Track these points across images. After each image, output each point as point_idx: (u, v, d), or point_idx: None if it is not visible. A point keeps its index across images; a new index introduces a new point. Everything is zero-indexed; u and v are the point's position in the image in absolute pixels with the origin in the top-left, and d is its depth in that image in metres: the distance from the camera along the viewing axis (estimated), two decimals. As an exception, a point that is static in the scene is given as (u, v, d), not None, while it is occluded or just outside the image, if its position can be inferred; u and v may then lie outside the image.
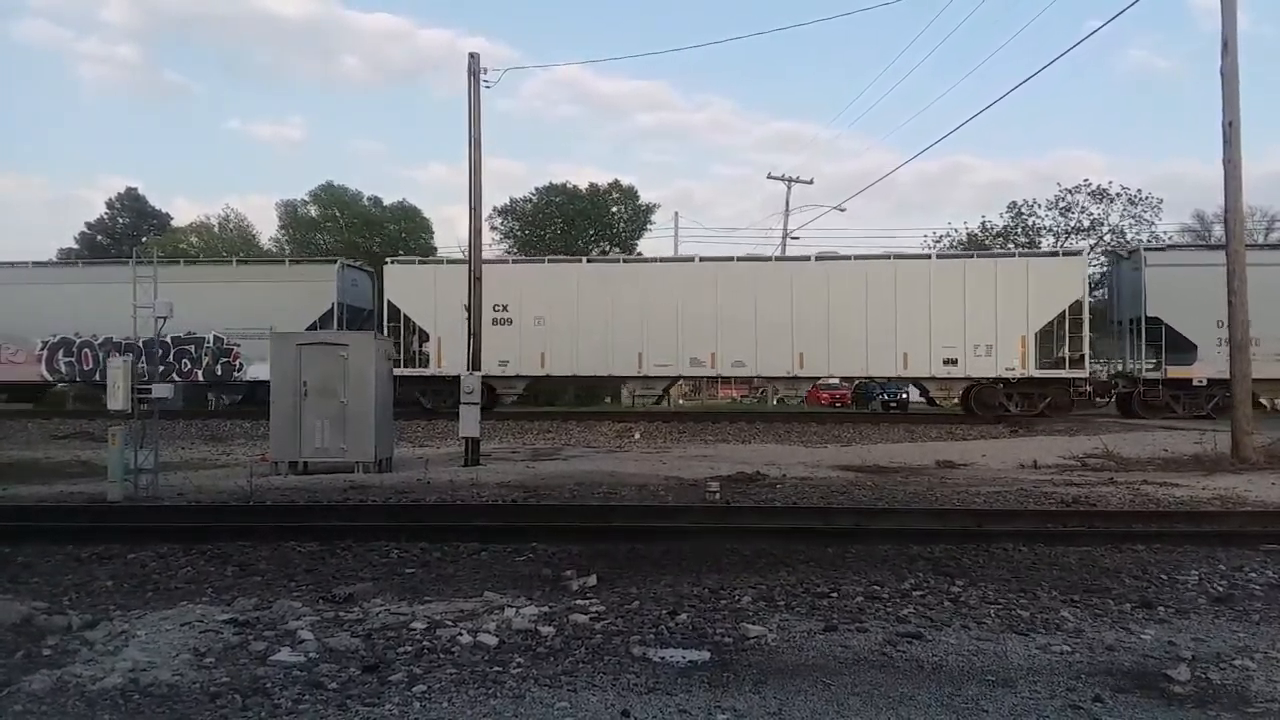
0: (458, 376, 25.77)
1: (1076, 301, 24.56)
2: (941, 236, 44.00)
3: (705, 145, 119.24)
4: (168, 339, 26.08)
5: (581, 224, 46.12)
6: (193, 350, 26.98)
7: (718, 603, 5.95)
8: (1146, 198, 41.78)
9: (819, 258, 27.87)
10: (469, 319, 17.45)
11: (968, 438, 21.23)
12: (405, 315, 26.33)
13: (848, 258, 27.24)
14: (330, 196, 47.65)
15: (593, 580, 6.56)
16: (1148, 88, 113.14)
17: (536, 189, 47.48)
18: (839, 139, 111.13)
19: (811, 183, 47.03)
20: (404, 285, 26.82)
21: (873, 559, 7.42)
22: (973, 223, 45.84)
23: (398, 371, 25.88)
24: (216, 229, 49.31)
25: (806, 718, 3.98)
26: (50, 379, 27.83)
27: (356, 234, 45.35)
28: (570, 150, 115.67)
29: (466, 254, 18.90)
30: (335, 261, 28.62)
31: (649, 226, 48.40)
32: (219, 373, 26.98)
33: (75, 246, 54.63)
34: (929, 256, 28.90)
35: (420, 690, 4.26)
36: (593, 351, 25.68)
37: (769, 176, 47.20)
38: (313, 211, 47.85)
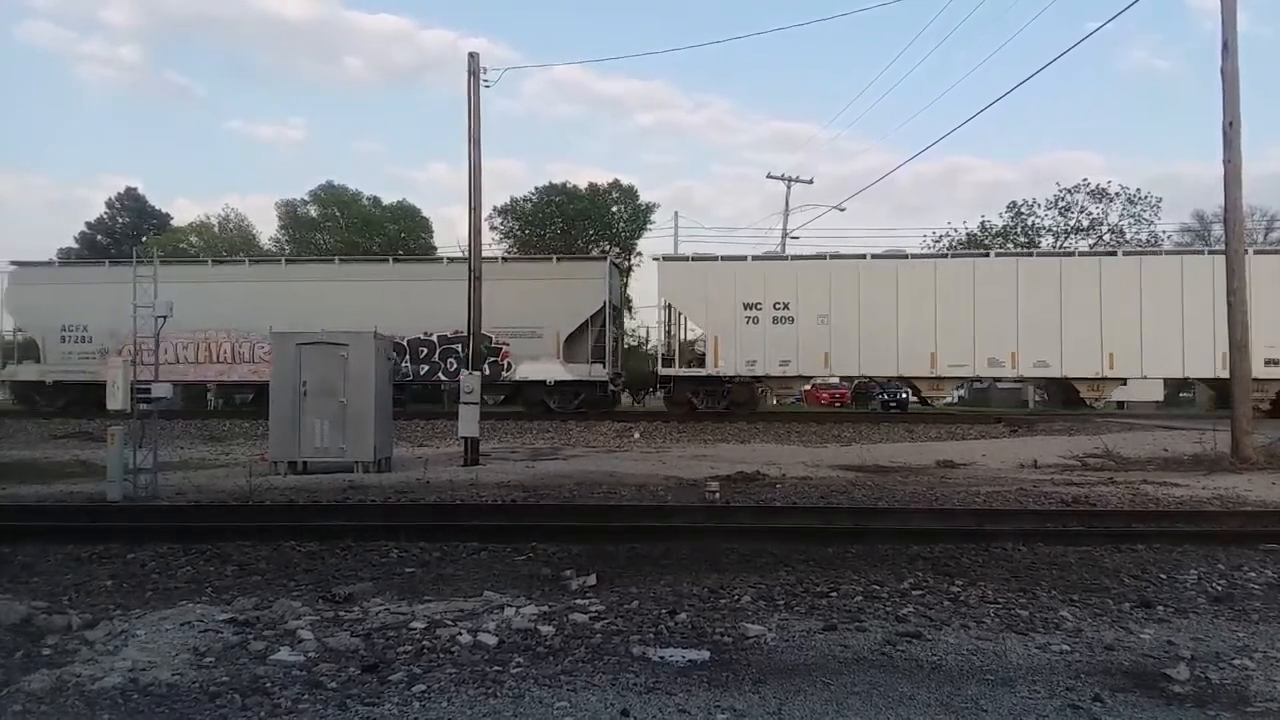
0: (735, 376, 25.51)
1: None
2: (941, 236, 44.02)
3: (705, 145, 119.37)
4: (433, 338, 25.59)
5: (581, 224, 46.11)
6: (459, 349, 25.45)
7: (717, 602, 5.95)
8: (1146, 197, 41.86)
9: (1126, 253, 27.02)
10: (469, 317, 17.41)
11: (968, 437, 21.24)
12: (680, 313, 25.69)
13: (1159, 252, 26.04)
14: (330, 196, 47.66)
15: (592, 580, 6.56)
16: (1147, 88, 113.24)
17: (536, 189, 47.52)
18: (838, 139, 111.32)
19: (811, 182, 46.98)
20: (678, 282, 25.98)
21: (872, 558, 7.42)
22: (972, 223, 45.82)
23: (672, 371, 25.73)
24: (216, 229, 49.34)
25: (806, 717, 3.98)
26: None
27: (356, 234, 45.35)
28: (570, 150, 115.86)
29: (466, 253, 18.87)
30: (604, 258, 27.73)
31: (649, 226, 48.42)
32: (487, 372, 25.42)
33: (75, 246, 54.62)
34: (1248, 251, 27.86)
35: (420, 690, 4.26)
36: (880, 351, 24.79)
37: (769, 176, 47.17)
38: (312, 211, 47.87)
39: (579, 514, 9.89)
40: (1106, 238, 41.30)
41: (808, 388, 44.25)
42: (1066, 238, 42.29)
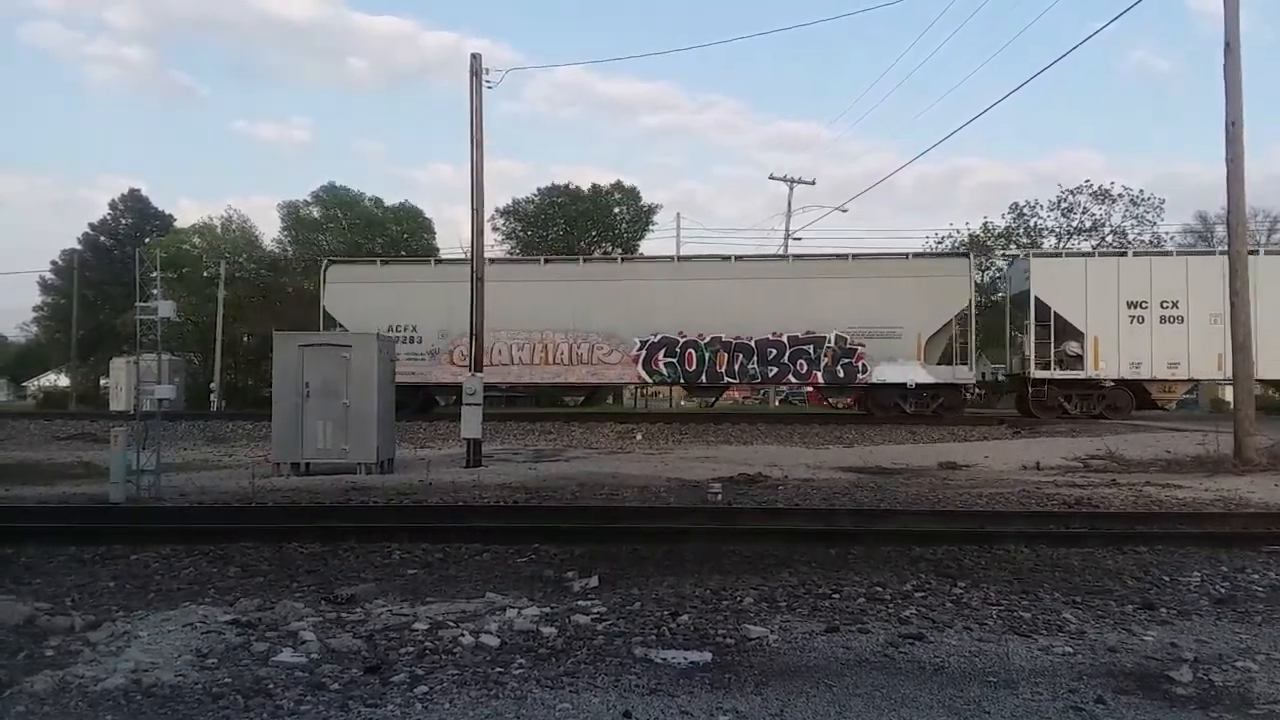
0: (1119, 381, 24.05)
1: None
2: (944, 238, 43.94)
3: (708, 146, 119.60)
4: (783, 338, 24.81)
5: (584, 225, 46.14)
6: (810, 350, 24.64)
7: (719, 604, 5.95)
8: (1149, 198, 41.68)
9: None
10: (472, 319, 17.37)
11: (970, 439, 21.20)
12: (1055, 312, 24.41)
13: None
14: (332, 198, 47.64)
15: (594, 581, 6.55)
16: (1149, 88, 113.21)
17: (539, 189, 47.54)
18: (841, 140, 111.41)
19: (814, 183, 47.04)
20: (1053, 280, 24.70)
21: (875, 560, 7.41)
22: (975, 224, 45.77)
23: (1047, 374, 24.41)
24: (219, 230, 49.32)
25: (808, 718, 3.98)
26: (649, 380, 25.96)
27: (359, 235, 45.36)
28: (574, 151, 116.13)
29: (468, 254, 18.86)
30: (966, 255, 26.31)
31: (651, 227, 48.45)
32: (840, 374, 24.75)
33: (78, 248, 54.66)
34: None
35: (422, 691, 4.26)
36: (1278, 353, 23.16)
37: (771, 177, 47.17)
38: (315, 213, 47.86)
39: (581, 515, 9.90)
40: (1109, 239, 41.22)
41: (810, 390, 43.97)
42: (1069, 239, 42.21)
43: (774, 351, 24.81)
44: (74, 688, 4.27)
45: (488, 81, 17.32)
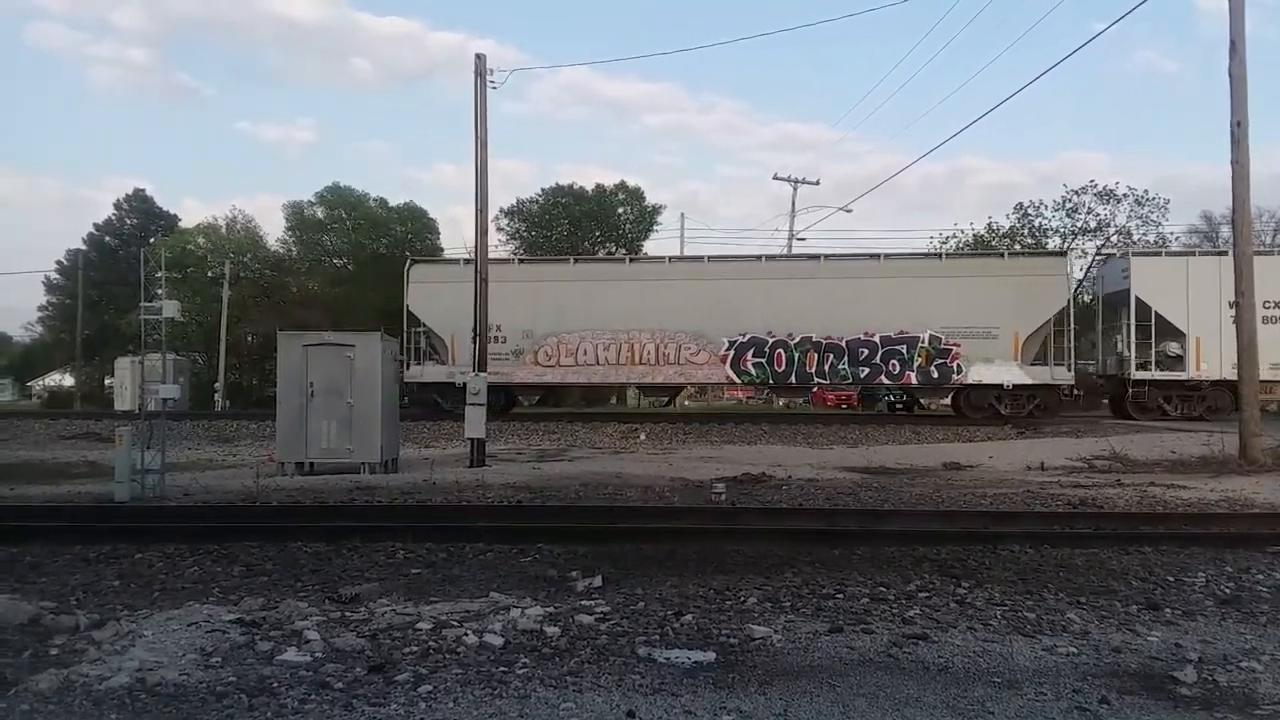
0: (1220, 381, 23.30)
1: None
2: (948, 238, 43.85)
3: (712, 146, 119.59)
4: (875, 338, 24.23)
5: (588, 225, 46.13)
6: (904, 350, 24.18)
7: (723, 604, 5.95)
8: (1154, 198, 41.52)
9: None
10: (476, 320, 17.38)
11: (974, 439, 21.18)
12: (1155, 312, 23.79)
13: None
14: (336, 198, 47.67)
15: (598, 581, 6.55)
16: (1154, 89, 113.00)
17: (543, 190, 47.52)
18: (845, 140, 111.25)
19: (818, 183, 46.80)
20: (1153, 280, 24.18)
21: (879, 560, 7.41)
22: (979, 224, 45.67)
23: (1147, 375, 23.82)
24: (224, 230, 49.39)
25: (812, 718, 3.97)
26: (738, 381, 25.50)
27: (363, 235, 45.41)
28: (577, 152, 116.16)
29: (472, 254, 18.87)
30: (1064, 254, 25.88)
31: (655, 227, 48.41)
32: (935, 375, 24.19)
33: (83, 248, 54.76)
34: None
35: (426, 690, 4.27)
36: None
37: (775, 177, 47.01)
38: (319, 213, 47.90)
39: (585, 515, 9.90)
40: (1114, 239, 41.10)
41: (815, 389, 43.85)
42: (1073, 239, 42.09)
43: (865, 352, 24.37)
44: (78, 686, 4.28)
45: (492, 82, 17.35)
